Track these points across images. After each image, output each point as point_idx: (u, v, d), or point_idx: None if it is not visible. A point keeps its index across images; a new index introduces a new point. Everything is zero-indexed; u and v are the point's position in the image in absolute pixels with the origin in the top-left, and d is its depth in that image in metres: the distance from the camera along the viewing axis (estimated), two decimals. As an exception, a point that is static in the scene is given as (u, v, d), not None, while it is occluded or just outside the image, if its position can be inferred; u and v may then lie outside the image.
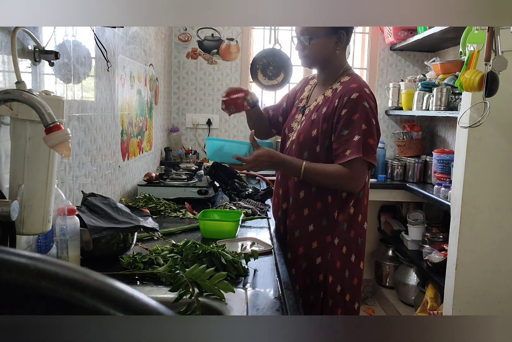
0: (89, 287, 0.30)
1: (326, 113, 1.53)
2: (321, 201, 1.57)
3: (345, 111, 1.48)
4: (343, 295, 1.58)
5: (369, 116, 1.48)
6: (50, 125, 0.89)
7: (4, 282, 0.30)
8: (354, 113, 1.47)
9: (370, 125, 1.48)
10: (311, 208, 1.58)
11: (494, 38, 1.68)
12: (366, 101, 1.48)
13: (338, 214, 1.57)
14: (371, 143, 1.47)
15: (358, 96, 1.48)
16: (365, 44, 3.59)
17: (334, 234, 1.57)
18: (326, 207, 1.57)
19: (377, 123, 1.51)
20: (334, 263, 1.57)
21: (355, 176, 1.48)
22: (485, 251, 2.12)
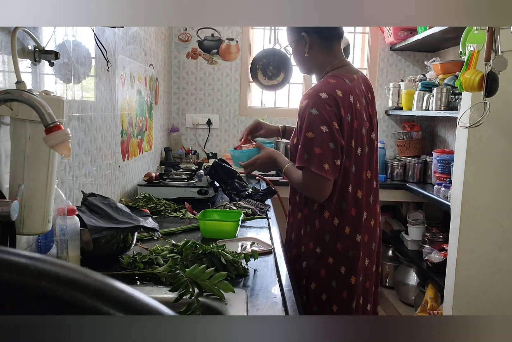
0: (89, 287, 0.30)
1: (298, 120, 1.52)
2: (308, 207, 1.55)
3: (300, 120, 1.48)
4: (329, 305, 1.51)
5: (315, 124, 1.40)
6: (50, 125, 0.89)
7: (4, 282, 0.30)
8: (302, 123, 1.45)
9: (317, 134, 1.40)
10: (301, 213, 1.58)
11: (494, 38, 1.68)
12: (313, 108, 1.41)
13: (318, 222, 1.52)
14: (317, 152, 1.39)
15: (306, 104, 1.44)
16: (365, 44, 3.59)
17: (316, 242, 1.52)
18: (311, 213, 1.54)
19: (330, 131, 1.39)
20: (318, 270, 1.51)
21: (306, 185, 1.45)
22: (485, 251, 2.12)
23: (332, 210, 1.50)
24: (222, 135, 3.56)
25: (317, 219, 1.52)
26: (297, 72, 3.52)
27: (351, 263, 1.51)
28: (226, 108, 3.54)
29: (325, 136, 1.40)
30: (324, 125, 1.39)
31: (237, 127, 3.56)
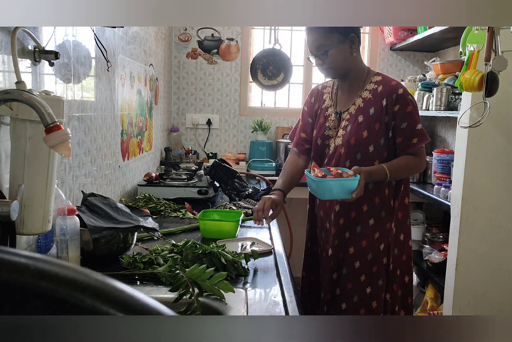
0: (89, 287, 0.30)
1: (376, 114, 1.62)
2: (379, 195, 1.67)
3: (398, 107, 1.60)
4: (402, 276, 1.74)
5: (416, 107, 1.64)
6: (50, 125, 0.89)
7: (4, 282, 0.30)
8: (407, 107, 1.60)
9: (418, 115, 1.64)
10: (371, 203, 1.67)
11: (494, 38, 1.68)
12: (409, 94, 1.63)
13: (394, 202, 1.70)
14: (421, 128, 1.62)
15: (403, 91, 1.61)
16: (365, 44, 3.58)
17: (393, 221, 1.72)
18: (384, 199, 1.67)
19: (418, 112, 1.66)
20: (393, 248, 1.73)
21: (423, 159, 1.66)
22: (485, 251, 2.11)
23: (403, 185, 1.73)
24: (222, 135, 3.56)
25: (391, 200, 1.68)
26: (297, 72, 3.52)
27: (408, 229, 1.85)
28: (226, 108, 3.54)
29: (419, 117, 1.63)
30: (417, 108, 1.65)
31: (237, 127, 3.56)
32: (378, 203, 1.65)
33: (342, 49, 1.60)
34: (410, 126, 1.59)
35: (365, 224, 1.66)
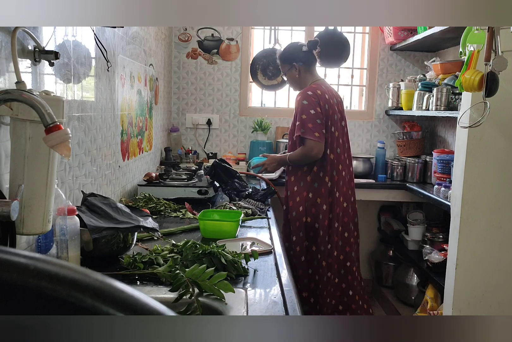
0: (89, 287, 0.30)
1: (294, 114, 2.35)
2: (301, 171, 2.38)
3: (295, 109, 2.31)
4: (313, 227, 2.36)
5: (306, 109, 2.24)
6: (50, 125, 0.89)
7: (4, 282, 0.30)
8: (297, 109, 2.28)
9: (308, 115, 2.23)
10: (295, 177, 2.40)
11: (494, 38, 1.68)
12: (304, 99, 2.26)
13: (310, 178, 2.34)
14: (310, 126, 2.22)
15: (299, 98, 2.29)
16: (365, 44, 3.59)
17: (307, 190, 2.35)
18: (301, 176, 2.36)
19: (315, 112, 2.23)
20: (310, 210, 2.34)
21: (305, 148, 2.25)
22: (485, 251, 2.11)
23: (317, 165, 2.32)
24: (222, 135, 3.56)
25: (308, 176, 2.33)
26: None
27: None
28: (226, 108, 3.54)
29: (313, 116, 2.24)
30: (312, 110, 2.24)
31: (237, 127, 3.56)
32: (299, 176, 2.35)
33: (291, 74, 2.39)
34: (299, 123, 2.25)
35: (291, 190, 2.38)
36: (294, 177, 2.36)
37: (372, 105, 3.57)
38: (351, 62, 3.57)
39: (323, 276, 2.29)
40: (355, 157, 3.27)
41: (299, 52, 2.35)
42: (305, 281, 2.31)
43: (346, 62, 3.44)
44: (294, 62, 2.34)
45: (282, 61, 2.39)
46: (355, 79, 3.62)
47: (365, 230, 3.58)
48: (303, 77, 2.38)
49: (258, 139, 3.43)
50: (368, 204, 3.51)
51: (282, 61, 2.39)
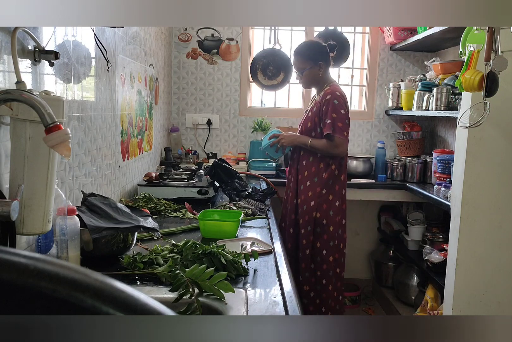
0: (89, 287, 0.30)
1: (316, 111, 2.41)
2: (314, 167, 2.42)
3: (324, 107, 2.35)
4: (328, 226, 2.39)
5: (337, 109, 2.32)
6: (50, 125, 0.89)
7: (4, 282, 0.30)
8: (328, 107, 2.33)
9: (338, 114, 2.31)
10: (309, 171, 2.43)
11: (494, 38, 1.68)
12: (335, 99, 2.33)
13: (325, 174, 2.39)
14: (340, 126, 2.30)
15: (330, 97, 2.34)
16: (365, 44, 3.59)
17: (322, 187, 2.39)
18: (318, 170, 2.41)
19: (345, 113, 2.34)
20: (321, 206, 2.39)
21: (335, 145, 2.32)
22: (485, 251, 2.11)
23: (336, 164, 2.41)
24: (222, 135, 3.56)
25: (323, 172, 2.39)
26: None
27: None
28: (226, 108, 3.54)
29: (343, 116, 2.32)
30: (342, 110, 2.33)
31: (237, 127, 3.56)
32: (313, 171, 2.40)
33: (312, 72, 2.40)
34: (329, 121, 2.32)
35: (304, 185, 2.42)
36: (308, 172, 2.41)
37: (372, 105, 3.57)
38: (351, 62, 3.57)
39: (329, 271, 2.36)
40: (355, 157, 3.27)
41: (326, 52, 2.39)
42: (307, 275, 2.38)
43: (346, 62, 3.44)
44: (321, 62, 2.37)
45: (306, 57, 2.38)
46: (355, 79, 3.62)
47: (365, 230, 3.58)
48: (323, 77, 2.42)
49: (258, 139, 3.43)
50: (368, 204, 3.51)
51: (305, 58, 2.38)
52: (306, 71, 2.38)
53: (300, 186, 2.44)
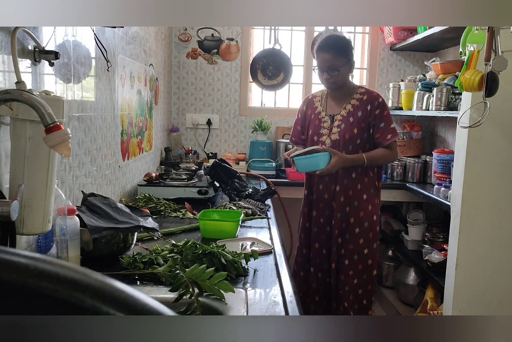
0: (89, 287, 0.30)
1: (362, 116, 2.16)
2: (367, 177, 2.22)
3: (378, 111, 2.15)
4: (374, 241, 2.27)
5: (389, 111, 2.18)
6: (50, 125, 0.89)
7: (4, 282, 0.30)
8: (384, 111, 2.16)
9: (391, 117, 2.18)
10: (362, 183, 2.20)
11: (494, 38, 1.68)
12: (385, 102, 2.19)
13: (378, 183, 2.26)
14: (394, 127, 2.16)
15: (382, 100, 2.18)
16: (365, 44, 3.59)
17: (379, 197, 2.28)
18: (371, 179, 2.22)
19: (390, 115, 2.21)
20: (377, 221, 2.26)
21: (395, 151, 2.20)
22: (485, 251, 2.11)
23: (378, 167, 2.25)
24: (222, 135, 3.56)
25: (375, 181, 2.23)
26: (297, 72, 3.52)
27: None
28: (226, 108, 3.54)
29: (391, 118, 2.18)
30: (389, 112, 2.20)
31: (237, 127, 3.56)
32: (367, 182, 2.20)
33: (346, 70, 2.16)
34: (386, 125, 2.15)
35: (360, 199, 2.19)
36: (361, 185, 2.18)
37: (372, 105, 3.57)
38: (351, 62, 3.56)
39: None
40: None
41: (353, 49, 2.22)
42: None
43: (346, 62, 3.44)
44: (353, 60, 2.20)
45: (342, 53, 2.12)
46: (355, 79, 3.61)
47: (365, 230, 3.57)
48: (349, 76, 2.24)
49: (258, 139, 3.43)
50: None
51: (341, 53, 2.12)
52: (341, 70, 2.11)
53: (352, 203, 2.18)
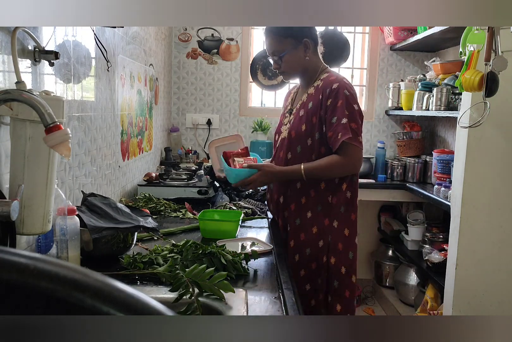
0: (89, 287, 0.30)
1: (313, 108, 1.65)
2: (314, 189, 1.68)
3: (330, 101, 1.61)
4: (349, 276, 1.67)
5: (350, 103, 1.60)
6: (50, 125, 0.89)
7: (4, 282, 0.30)
8: (337, 101, 1.59)
9: (352, 111, 1.59)
10: (306, 197, 1.69)
11: (494, 38, 1.68)
12: (345, 89, 1.60)
13: (332, 198, 1.68)
14: (354, 127, 1.58)
15: (338, 86, 1.61)
16: (365, 44, 3.59)
17: (332, 217, 1.67)
18: (320, 193, 1.68)
19: (359, 109, 1.62)
20: (335, 245, 1.67)
21: (351, 158, 1.59)
22: (485, 251, 2.11)
23: (345, 183, 1.68)
24: (222, 135, 3.56)
25: (329, 196, 1.67)
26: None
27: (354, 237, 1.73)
28: (226, 108, 3.54)
29: (357, 113, 1.61)
30: (355, 104, 1.62)
31: (237, 127, 3.56)
32: (313, 197, 1.68)
33: (295, 55, 1.67)
34: (338, 120, 1.59)
35: (303, 217, 1.70)
36: (306, 199, 1.69)
37: (372, 105, 3.57)
38: (351, 62, 3.57)
39: None
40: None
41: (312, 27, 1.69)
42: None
43: (346, 62, 3.44)
44: (306, 38, 1.65)
45: (283, 34, 1.64)
46: (355, 79, 3.62)
47: (365, 230, 3.58)
48: (312, 60, 1.70)
49: (258, 139, 3.43)
50: (368, 204, 3.50)
51: (282, 35, 1.64)
52: (286, 55, 1.65)
53: (294, 221, 1.70)
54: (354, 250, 1.69)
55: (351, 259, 1.68)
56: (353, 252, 1.68)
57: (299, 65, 1.70)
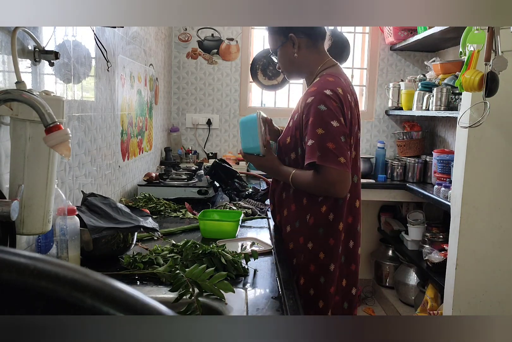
0: (89, 287, 0.30)
1: (296, 120, 1.50)
2: (295, 203, 1.55)
3: (304, 116, 1.44)
4: (316, 300, 1.51)
5: (325, 120, 1.38)
6: (50, 125, 0.89)
7: (4, 282, 0.30)
8: (308, 119, 1.42)
9: (327, 128, 1.38)
10: (289, 210, 1.58)
11: (494, 38, 1.68)
12: (322, 104, 1.39)
13: (310, 217, 1.51)
14: (330, 147, 1.37)
15: (312, 100, 1.41)
16: (365, 44, 3.59)
17: (307, 237, 1.52)
18: (300, 209, 1.53)
19: (340, 125, 1.39)
20: (307, 266, 1.51)
21: (324, 181, 1.40)
22: (485, 251, 2.12)
23: (325, 205, 1.49)
24: (222, 135, 3.56)
25: (308, 214, 1.51)
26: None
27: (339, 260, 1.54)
28: (226, 108, 3.54)
29: (335, 131, 1.38)
30: (334, 120, 1.38)
31: (237, 127, 3.56)
32: (294, 211, 1.55)
33: (285, 51, 1.54)
34: (308, 141, 1.41)
35: (284, 228, 1.60)
36: (288, 212, 1.59)
37: (372, 105, 3.57)
38: (351, 62, 3.57)
39: None
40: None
41: None
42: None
43: (346, 62, 3.44)
44: (292, 33, 1.51)
45: (271, 30, 1.56)
46: (355, 79, 3.62)
47: (365, 230, 3.58)
48: (304, 56, 1.54)
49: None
50: (368, 204, 3.51)
51: (270, 31, 1.56)
52: (278, 51, 1.56)
53: (285, 228, 1.60)
54: (329, 277, 1.50)
55: (322, 284, 1.50)
56: (325, 278, 1.50)
57: (290, 62, 1.56)
